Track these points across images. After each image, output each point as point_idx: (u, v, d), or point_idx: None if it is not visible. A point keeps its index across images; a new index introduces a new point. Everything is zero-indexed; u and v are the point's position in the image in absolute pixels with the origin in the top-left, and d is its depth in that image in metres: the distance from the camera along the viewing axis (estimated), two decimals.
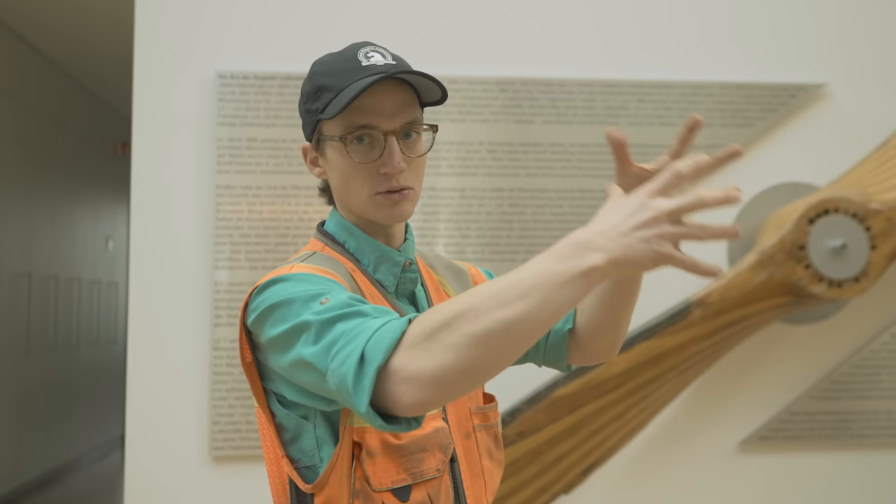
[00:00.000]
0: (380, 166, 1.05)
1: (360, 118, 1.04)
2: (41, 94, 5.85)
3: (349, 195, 1.09)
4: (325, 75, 1.06)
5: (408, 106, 1.06)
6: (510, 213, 2.68)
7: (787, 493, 2.76)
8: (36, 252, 5.78)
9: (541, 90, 2.70)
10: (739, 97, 2.76)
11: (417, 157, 1.08)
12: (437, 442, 1.03)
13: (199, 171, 2.61)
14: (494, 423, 1.16)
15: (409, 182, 1.07)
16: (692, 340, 2.50)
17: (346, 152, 1.05)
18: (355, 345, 0.81)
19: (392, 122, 1.05)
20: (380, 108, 1.04)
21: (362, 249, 1.10)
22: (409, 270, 1.11)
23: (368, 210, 1.08)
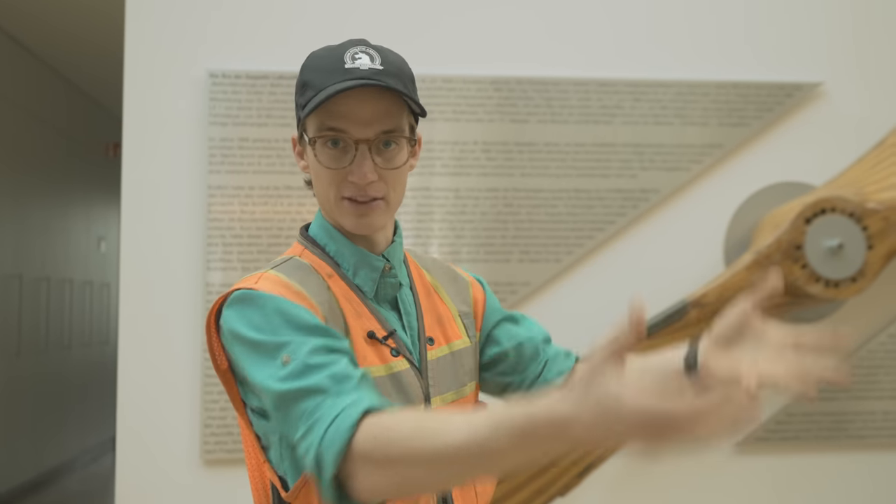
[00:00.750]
0: (348, 174, 1.02)
1: (332, 122, 1.01)
2: (32, 94, 5.81)
3: (319, 196, 1.07)
4: (312, 71, 1.04)
5: (388, 115, 1.02)
6: (505, 213, 2.66)
7: (784, 494, 2.75)
8: (27, 253, 5.74)
9: (535, 89, 2.68)
10: (735, 96, 2.75)
11: (392, 168, 1.03)
12: None
13: (191, 171, 2.59)
14: None
15: (381, 192, 1.03)
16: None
17: (315, 154, 1.03)
18: (311, 440, 0.84)
19: (366, 130, 1.01)
20: (354, 114, 1.00)
21: (342, 253, 1.08)
22: (388, 275, 1.08)
23: (335, 214, 1.06)
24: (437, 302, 1.15)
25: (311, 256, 1.09)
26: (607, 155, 2.70)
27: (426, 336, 1.09)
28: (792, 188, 2.74)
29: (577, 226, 2.68)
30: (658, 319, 2.48)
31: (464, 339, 1.15)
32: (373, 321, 1.04)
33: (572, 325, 2.66)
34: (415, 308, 1.11)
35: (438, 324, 1.12)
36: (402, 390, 1.02)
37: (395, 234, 1.13)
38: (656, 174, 2.71)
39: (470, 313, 1.18)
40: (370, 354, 1.02)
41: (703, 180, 2.75)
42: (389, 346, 1.03)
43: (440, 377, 1.08)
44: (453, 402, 1.09)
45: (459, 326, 1.15)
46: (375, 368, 1.01)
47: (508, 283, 2.65)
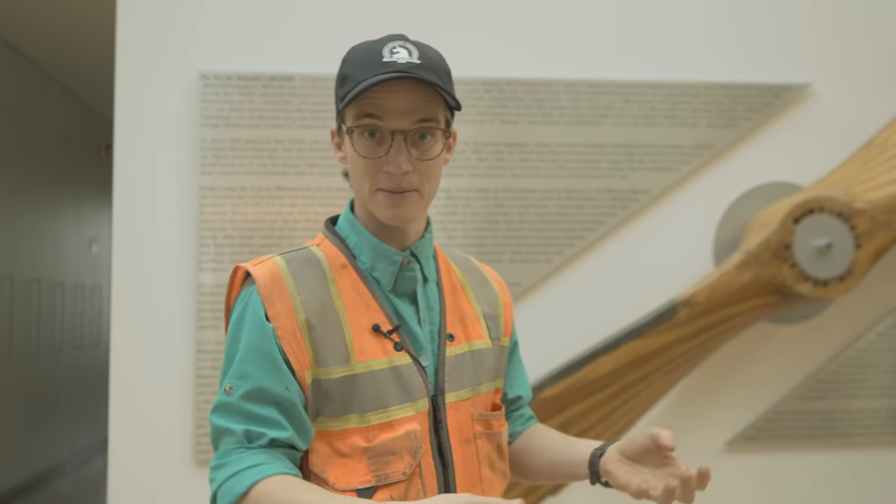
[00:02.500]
0: (384, 164, 1.05)
1: (369, 112, 1.04)
2: (23, 96, 5.80)
3: (355, 187, 1.10)
4: (351, 64, 1.07)
5: (424, 107, 1.05)
6: (496, 213, 2.68)
7: (773, 492, 2.77)
8: (18, 255, 5.72)
9: (526, 90, 2.69)
10: (725, 97, 2.76)
11: (427, 160, 1.06)
12: (406, 445, 1.03)
13: (183, 172, 2.59)
14: (498, 432, 1.15)
15: (415, 185, 1.06)
16: (678, 340, 2.50)
17: (353, 144, 1.06)
18: (216, 476, 1.01)
19: (402, 121, 1.04)
20: (390, 105, 1.03)
21: (361, 246, 1.11)
22: (407, 269, 1.10)
23: (370, 205, 1.08)
24: (462, 300, 1.18)
25: (329, 247, 1.12)
26: (597, 156, 2.71)
27: (447, 332, 1.12)
28: (781, 188, 2.76)
29: (568, 226, 2.69)
30: (648, 319, 2.50)
31: (485, 340, 1.17)
32: (380, 314, 1.07)
33: (563, 324, 2.67)
34: (438, 304, 1.13)
35: (461, 322, 1.15)
36: (401, 384, 1.05)
37: (425, 229, 1.16)
38: (646, 175, 2.73)
39: (495, 316, 1.21)
40: (372, 346, 1.05)
41: (692, 181, 2.77)
42: (393, 339, 1.06)
43: (457, 373, 1.11)
44: (468, 399, 1.11)
45: (483, 327, 1.18)
46: (377, 361, 1.04)
47: None
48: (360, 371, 1.03)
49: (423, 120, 1.04)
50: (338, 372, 1.03)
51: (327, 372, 1.02)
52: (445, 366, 1.09)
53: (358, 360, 1.03)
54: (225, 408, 1.02)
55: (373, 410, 1.02)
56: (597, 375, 2.48)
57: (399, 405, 1.04)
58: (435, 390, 1.08)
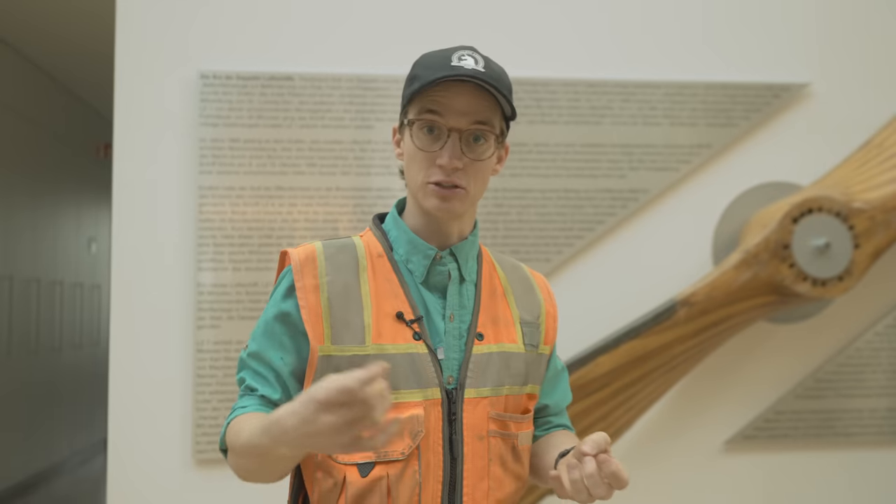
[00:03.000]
0: (437, 157, 1.12)
1: (430, 107, 1.12)
2: (22, 95, 5.79)
3: (409, 179, 1.17)
4: (421, 66, 1.16)
5: (483, 110, 1.13)
6: (495, 213, 2.68)
7: (772, 492, 2.77)
8: (17, 255, 5.72)
9: (525, 90, 2.69)
10: (723, 97, 2.77)
11: (478, 160, 1.13)
12: (408, 427, 1.09)
13: (182, 171, 2.59)
14: (514, 434, 1.17)
15: (463, 182, 1.12)
16: (677, 340, 2.50)
17: (412, 136, 1.14)
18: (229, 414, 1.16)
19: (459, 120, 1.12)
20: (451, 104, 1.12)
21: (400, 239, 1.19)
22: (439, 264, 1.17)
23: (420, 196, 1.15)
24: (500, 304, 1.21)
25: (370, 238, 1.21)
26: (597, 155, 2.72)
27: (476, 331, 1.16)
28: (779, 188, 2.76)
29: (567, 226, 2.70)
30: (647, 318, 2.50)
31: (518, 345, 1.20)
32: (405, 304, 1.14)
33: (562, 324, 2.66)
34: (472, 303, 1.18)
35: (493, 323, 1.19)
36: (415, 371, 1.11)
37: (472, 230, 1.22)
38: (645, 174, 2.73)
39: (535, 324, 1.24)
40: (393, 331, 1.12)
41: (691, 180, 2.77)
42: (413, 329, 1.13)
43: (480, 371, 1.14)
44: (487, 398, 1.14)
45: (517, 332, 1.21)
46: (394, 346, 1.11)
47: None
48: (373, 352, 1.09)
49: (479, 122, 1.13)
50: (351, 350, 1.10)
51: (341, 349, 1.10)
52: (470, 362, 1.14)
53: (373, 342, 1.10)
54: (241, 362, 1.18)
55: None
56: (596, 375, 2.48)
57: (408, 390, 1.10)
58: (456, 384, 1.13)
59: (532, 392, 1.23)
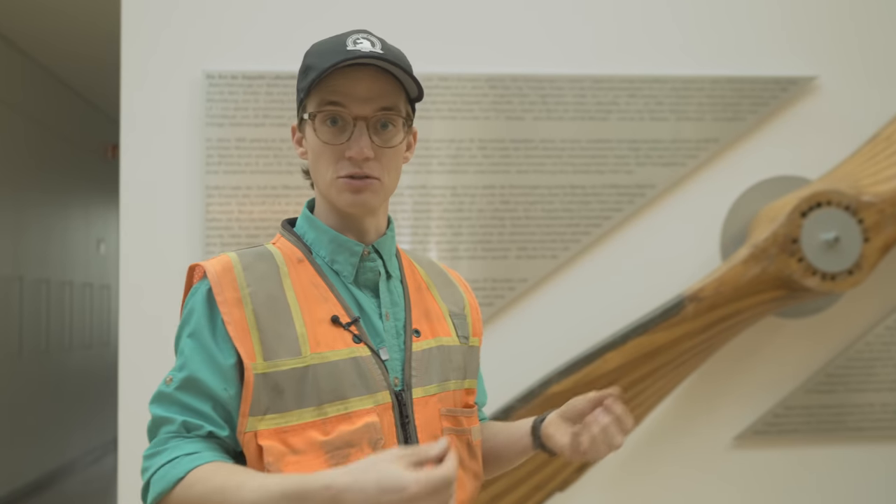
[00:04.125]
0: (346, 150, 1.06)
1: (331, 98, 1.06)
2: (30, 97, 5.82)
3: (316, 177, 1.10)
4: (313, 55, 1.08)
5: (386, 94, 1.07)
6: (502, 210, 2.67)
7: (783, 488, 2.76)
8: (27, 255, 5.75)
9: (531, 86, 2.69)
10: (730, 91, 2.75)
11: (388, 147, 1.08)
12: (366, 437, 1.02)
13: (189, 171, 2.59)
14: (468, 429, 1.14)
15: (376, 172, 1.07)
16: (686, 335, 2.49)
17: (315, 130, 1.07)
18: (150, 464, 0.99)
19: (364, 107, 1.05)
20: (353, 91, 1.05)
21: (320, 240, 1.11)
22: (368, 260, 1.11)
23: (332, 194, 1.08)
24: (427, 298, 1.17)
25: (284, 244, 1.12)
26: (603, 151, 2.71)
27: (412, 328, 1.11)
28: (788, 182, 2.75)
29: (574, 222, 2.69)
30: (655, 314, 2.49)
31: (453, 337, 1.16)
32: (338, 307, 1.07)
33: (569, 320, 2.67)
34: (403, 299, 1.13)
35: (426, 318, 1.14)
36: (362, 376, 1.04)
37: (387, 227, 1.16)
38: (652, 170, 2.72)
39: (462, 315, 1.20)
40: (331, 337, 1.04)
41: (699, 175, 2.76)
42: (352, 332, 1.06)
43: (424, 368, 1.10)
44: (435, 395, 1.10)
45: (449, 324, 1.17)
46: (335, 352, 1.03)
47: (506, 280, 2.66)
48: (314, 362, 1.02)
49: (385, 108, 1.06)
50: (288, 364, 1.01)
51: (276, 364, 1.00)
52: (412, 360, 1.09)
53: (312, 352, 1.02)
54: (163, 397, 1.03)
55: (330, 402, 1.01)
56: (604, 371, 2.47)
57: (357, 397, 1.03)
58: (402, 385, 1.07)
59: (471, 386, 1.19)
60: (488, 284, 2.65)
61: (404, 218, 2.64)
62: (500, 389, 2.53)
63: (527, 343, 2.66)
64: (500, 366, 2.62)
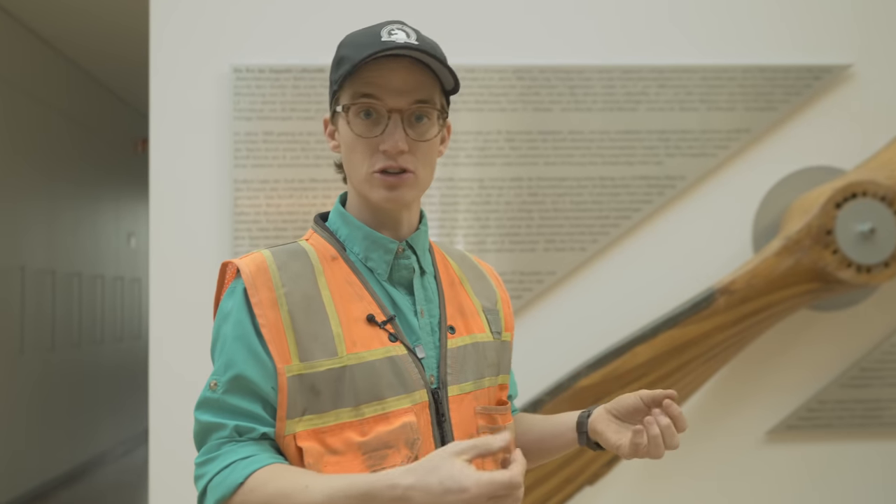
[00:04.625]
0: (380, 143, 1.03)
1: (366, 90, 1.03)
2: (62, 93, 5.89)
3: (350, 171, 1.08)
4: (347, 46, 1.06)
5: (422, 87, 1.04)
6: (529, 202, 2.65)
7: (816, 483, 2.72)
8: (59, 250, 5.83)
9: (559, 77, 2.66)
10: (763, 80, 2.71)
11: (423, 141, 1.05)
12: (403, 438, 1.00)
13: (217, 165, 2.61)
14: (502, 427, 1.12)
15: (411, 166, 1.04)
16: (717, 329, 2.46)
17: (348, 123, 1.05)
18: (205, 471, 1.02)
19: (399, 100, 1.03)
20: (388, 83, 1.03)
21: (353, 237, 1.09)
22: (402, 257, 1.09)
23: (365, 188, 1.06)
24: (460, 294, 1.15)
25: (318, 240, 1.11)
26: (632, 142, 2.68)
27: (447, 324, 1.09)
28: (821, 172, 2.70)
29: (603, 214, 2.66)
30: (685, 307, 2.46)
31: (487, 334, 1.14)
32: (373, 305, 1.05)
33: (599, 313, 2.65)
34: (437, 296, 1.11)
35: (461, 314, 1.12)
36: (398, 375, 1.02)
37: (420, 221, 1.13)
38: (682, 161, 2.69)
39: (494, 310, 1.19)
40: (367, 337, 1.02)
41: (730, 166, 2.72)
42: (388, 331, 1.04)
43: (459, 366, 1.08)
44: (470, 393, 1.08)
45: (483, 320, 1.15)
46: (371, 352, 1.02)
47: (534, 273, 2.65)
48: (350, 363, 1.00)
49: (420, 101, 1.04)
50: (325, 364, 1.00)
51: (312, 365, 0.99)
52: (447, 358, 1.07)
53: (348, 352, 1.00)
54: (210, 403, 1.02)
55: (367, 402, 1.00)
56: (634, 365, 2.45)
57: (394, 397, 1.01)
58: (437, 383, 1.05)
59: (503, 382, 1.17)
60: (516, 277, 2.64)
61: (432, 211, 2.63)
62: (529, 383, 2.52)
63: (555, 336, 2.64)
64: (528, 359, 2.61)
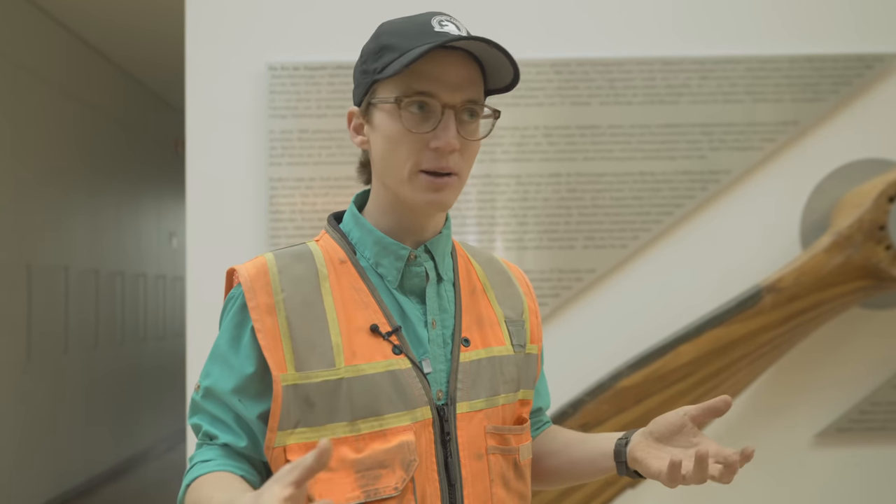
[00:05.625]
0: (431, 139, 0.96)
1: (421, 84, 0.96)
2: (105, 95, 5.98)
3: (389, 168, 1.00)
4: (392, 35, 0.99)
5: (473, 83, 0.99)
6: (568, 198, 2.60)
7: (868, 489, 2.63)
8: (102, 249, 5.92)
9: (597, 70, 2.60)
10: (810, 70, 2.62)
11: (472, 140, 1.00)
12: (399, 458, 0.94)
13: (253, 164, 2.60)
14: (515, 448, 1.05)
15: (457, 167, 0.98)
16: (764, 328, 2.39)
17: (400, 116, 0.97)
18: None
19: (454, 95, 0.97)
20: (444, 77, 0.96)
21: (365, 240, 1.03)
22: (414, 264, 1.02)
23: (406, 189, 0.99)
24: (481, 303, 1.08)
25: (328, 242, 1.05)
26: (674, 136, 2.61)
27: (461, 336, 1.03)
28: (873, 165, 2.60)
29: (644, 210, 2.60)
30: (731, 306, 2.39)
31: (507, 347, 1.07)
32: (379, 314, 0.99)
33: (640, 312, 2.59)
34: (454, 305, 1.05)
35: (478, 325, 1.05)
36: (400, 389, 0.96)
37: (444, 224, 1.07)
38: (727, 154, 2.61)
39: (519, 321, 1.11)
40: (368, 348, 0.97)
41: (777, 159, 2.64)
42: (392, 342, 0.98)
43: (471, 382, 1.01)
44: (482, 411, 1.01)
45: (504, 332, 1.08)
46: (372, 365, 0.96)
47: (573, 271, 2.59)
48: (347, 375, 0.94)
49: (472, 98, 0.98)
50: (320, 375, 0.94)
51: (308, 376, 0.94)
52: (458, 372, 1.00)
53: (347, 364, 0.95)
54: (193, 406, 1.02)
55: (363, 418, 0.94)
56: (677, 365, 2.39)
57: (394, 413, 0.95)
58: (446, 399, 0.99)
59: (525, 398, 1.09)
60: (554, 275, 2.59)
61: (469, 208, 2.59)
62: (568, 383, 2.47)
63: (595, 335, 2.59)
64: (568, 359, 2.57)
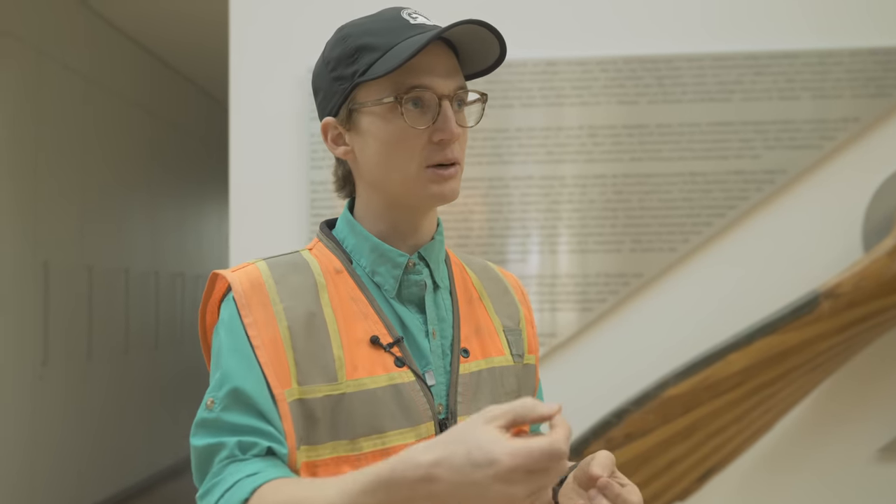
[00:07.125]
0: (433, 133, 0.93)
1: (415, 78, 0.93)
2: (167, 101, 6.12)
3: (392, 170, 0.96)
4: (365, 35, 0.96)
5: (458, 71, 0.97)
6: (614, 200, 2.52)
7: None
8: (162, 251, 6.06)
9: (645, 68, 2.52)
10: (873, 64, 2.48)
11: (467, 127, 0.98)
12: None
13: (294, 167, 2.60)
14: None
15: (459, 156, 0.96)
16: (821, 336, 2.27)
17: (401, 115, 0.93)
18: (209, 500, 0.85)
19: (447, 85, 0.94)
20: (436, 68, 0.94)
21: (360, 248, 0.99)
22: (413, 272, 0.98)
23: (414, 188, 0.95)
24: (478, 311, 1.04)
25: (322, 251, 1.01)
26: (726, 135, 2.51)
27: (460, 347, 0.98)
28: None
29: (694, 212, 2.50)
30: (785, 312, 2.28)
31: (506, 357, 1.03)
32: (379, 325, 0.95)
33: (689, 318, 2.50)
34: (451, 314, 1.00)
35: (476, 335, 1.02)
36: (403, 404, 0.92)
37: (436, 230, 1.03)
38: (782, 153, 2.49)
39: (516, 330, 1.07)
40: (370, 361, 0.92)
41: (837, 158, 2.52)
42: (394, 354, 0.93)
43: (472, 394, 0.97)
44: None
45: (503, 342, 1.04)
46: (374, 378, 0.92)
47: (620, 275, 2.51)
48: (349, 390, 0.90)
49: (462, 85, 0.97)
50: (323, 390, 0.90)
51: (311, 390, 0.89)
52: (458, 385, 0.96)
53: (349, 378, 0.90)
54: (209, 424, 0.89)
55: (365, 436, 0.90)
56: (727, 374, 2.29)
57: (397, 430, 0.91)
58: (446, 412, 0.94)
59: None
60: (601, 280, 2.51)
61: (510, 211, 2.54)
62: (612, 392, 2.40)
63: (642, 342, 2.50)
64: (614, 367, 2.49)
